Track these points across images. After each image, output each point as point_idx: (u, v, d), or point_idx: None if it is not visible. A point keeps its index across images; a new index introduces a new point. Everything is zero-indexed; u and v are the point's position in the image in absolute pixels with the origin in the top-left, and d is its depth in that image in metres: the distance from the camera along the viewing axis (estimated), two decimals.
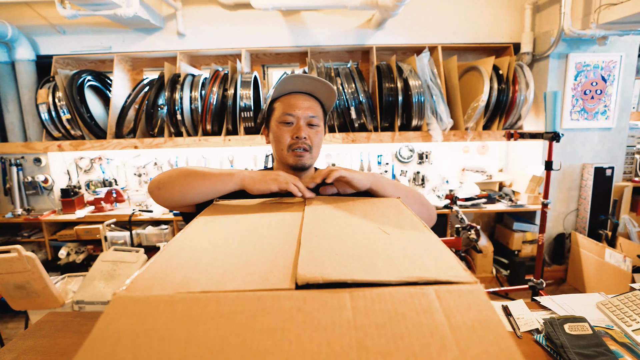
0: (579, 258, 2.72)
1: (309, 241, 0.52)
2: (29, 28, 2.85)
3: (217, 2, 2.83)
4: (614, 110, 2.83)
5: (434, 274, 0.41)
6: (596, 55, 2.74)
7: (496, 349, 0.30)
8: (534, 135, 2.28)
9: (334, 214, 0.68)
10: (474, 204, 2.90)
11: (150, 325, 0.32)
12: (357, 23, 2.89)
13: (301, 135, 0.95)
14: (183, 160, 3.14)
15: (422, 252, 0.48)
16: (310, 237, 0.54)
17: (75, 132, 2.81)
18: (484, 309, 0.35)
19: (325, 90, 0.99)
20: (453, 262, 0.44)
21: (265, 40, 2.91)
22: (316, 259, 0.45)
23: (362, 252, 0.48)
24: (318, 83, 0.97)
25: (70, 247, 2.87)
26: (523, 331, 0.95)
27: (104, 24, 2.85)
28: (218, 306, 0.35)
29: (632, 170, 3.05)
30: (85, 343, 0.30)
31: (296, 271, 0.41)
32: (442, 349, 0.30)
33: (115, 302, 0.35)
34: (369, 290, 0.38)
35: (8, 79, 2.87)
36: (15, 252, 1.71)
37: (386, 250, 0.49)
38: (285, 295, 0.37)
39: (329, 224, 0.61)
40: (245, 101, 2.60)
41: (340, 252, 0.48)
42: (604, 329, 0.93)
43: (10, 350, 0.92)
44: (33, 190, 2.95)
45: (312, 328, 0.32)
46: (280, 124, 0.97)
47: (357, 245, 0.50)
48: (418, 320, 0.34)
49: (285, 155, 0.98)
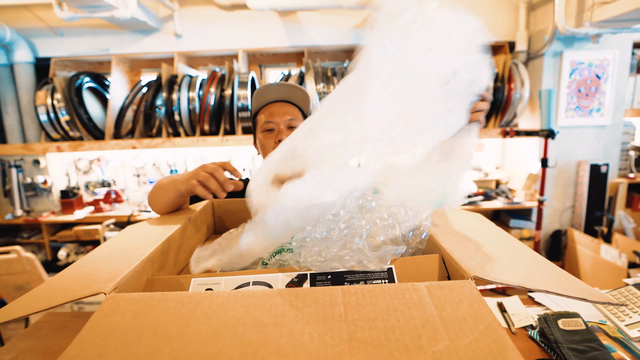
0: (575, 254, 2.73)
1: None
2: (27, 30, 2.85)
3: (214, 3, 2.83)
4: (609, 108, 2.84)
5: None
6: (590, 53, 2.75)
7: (487, 338, 0.31)
8: (529, 132, 2.29)
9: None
10: (471, 202, 2.91)
11: (143, 321, 0.33)
12: (354, 23, 2.90)
13: (283, 139, 1.02)
14: (181, 160, 3.14)
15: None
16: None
17: (74, 134, 2.81)
18: (475, 302, 0.36)
19: (300, 94, 1.08)
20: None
21: (262, 41, 2.92)
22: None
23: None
24: (291, 88, 1.06)
25: (70, 248, 2.87)
26: (517, 327, 0.96)
27: (102, 26, 2.85)
28: (211, 302, 0.36)
29: (627, 167, 3.06)
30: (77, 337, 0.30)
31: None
32: (432, 339, 0.31)
33: (110, 299, 0.36)
34: (361, 287, 0.39)
35: (7, 81, 2.87)
36: (15, 253, 1.71)
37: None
38: (277, 292, 0.38)
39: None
40: (243, 101, 2.61)
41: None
42: (597, 324, 0.94)
43: (9, 350, 0.92)
44: (32, 191, 2.95)
45: (304, 322, 0.33)
46: (264, 133, 1.07)
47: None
48: (409, 313, 0.35)
49: None
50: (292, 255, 0.52)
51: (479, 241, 0.55)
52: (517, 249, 0.56)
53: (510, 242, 0.60)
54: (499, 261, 0.46)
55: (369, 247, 0.52)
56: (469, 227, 0.65)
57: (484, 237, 0.59)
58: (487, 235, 0.61)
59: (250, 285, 0.48)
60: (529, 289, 0.40)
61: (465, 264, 0.43)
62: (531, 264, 0.49)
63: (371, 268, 0.49)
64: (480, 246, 0.52)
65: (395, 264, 0.50)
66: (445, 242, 0.51)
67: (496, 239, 0.59)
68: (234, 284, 0.48)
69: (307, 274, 0.49)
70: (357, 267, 0.49)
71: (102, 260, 0.51)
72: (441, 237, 0.54)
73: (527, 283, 0.40)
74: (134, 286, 0.45)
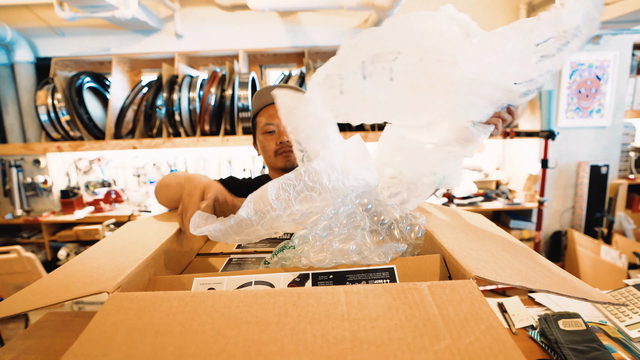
0: (575, 255, 2.73)
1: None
2: (28, 30, 2.85)
3: (215, 4, 2.84)
4: (609, 109, 2.84)
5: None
6: (590, 54, 2.76)
7: (488, 338, 0.31)
8: (529, 133, 2.29)
9: None
10: (471, 202, 2.91)
11: (146, 320, 0.33)
12: (354, 23, 2.90)
13: (284, 140, 1.04)
14: (182, 160, 3.14)
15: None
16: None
17: (74, 134, 2.81)
18: (476, 301, 0.36)
19: None
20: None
21: (263, 41, 2.92)
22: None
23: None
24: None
25: (70, 248, 2.87)
26: (518, 327, 0.96)
27: (103, 26, 2.85)
28: (214, 302, 0.36)
29: (627, 168, 3.06)
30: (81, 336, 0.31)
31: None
32: (435, 339, 0.31)
33: (113, 298, 0.36)
34: (363, 286, 0.39)
35: (7, 81, 2.87)
36: (15, 253, 1.71)
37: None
38: (280, 291, 0.38)
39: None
40: (243, 101, 2.62)
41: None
42: (597, 325, 0.94)
43: (10, 350, 0.92)
44: (32, 191, 2.95)
45: (307, 321, 0.33)
46: (264, 134, 1.09)
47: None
48: (411, 312, 0.35)
49: (273, 160, 1.08)
50: (295, 251, 0.52)
51: (480, 241, 0.55)
52: (517, 249, 0.56)
53: (510, 242, 0.60)
54: (500, 261, 0.47)
55: (371, 240, 0.53)
56: (470, 228, 0.65)
57: (484, 238, 0.59)
58: (488, 236, 0.61)
59: (252, 284, 0.48)
60: (529, 289, 0.40)
61: (467, 264, 0.43)
62: (532, 264, 0.49)
63: (375, 260, 0.49)
64: (481, 246, 0.52)
65: (396, 263, 0.50)
66: (447, 242, 0.51)
67: (497, 239, 0.59)
68: (236, 283, 0.48)
69: (309, 274, 0.49)
70: (360, 261, 0.49)
71: (103, 257, 0.52)
72: (442, 237, 0.54)
73: (528, 283, 0.40)
74: (136, 285, 0.45)
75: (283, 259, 0.53)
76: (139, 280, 0.47)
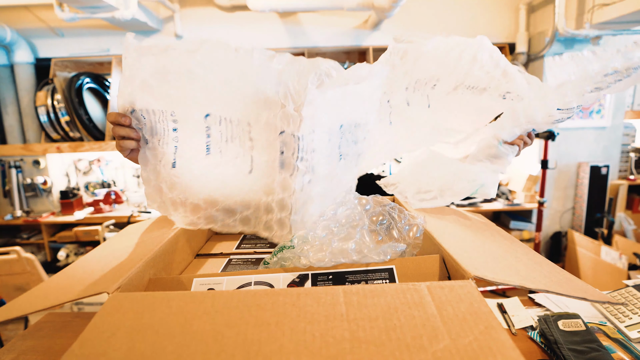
0: (575, 256, 2.73)
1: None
2: (27, 31, 2.85)
3: (214, 4, 2.84)
4: (609, 109, 2.84)
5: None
6: None
7: (487, 338, 0.31)
8: None
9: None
10: (471, 203, 2.91)
11: (146, 320, 0.33)
12: (354, 24, 2.90)
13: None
14: None
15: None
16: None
17: (74, 134, 2.81)
18: (475, 302, 0.36)
19: None
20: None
21: (262, 42, 2.92)
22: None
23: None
24: None
25: (70, 249, 2.87)
26: (518, 328, 0.96)
27: (102, 27, 2.85)
28: (213, 302, 0.36)
29: (627, 169, 3.06)
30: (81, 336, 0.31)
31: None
32: (433, 339, 0.31)
33: (113, 298, 0.36)
34: (362, 286, 0.39)
35: (7, 81, 2.87)
36: (15, 253, 1.71)
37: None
38: (279, 291, 0.38)
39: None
40: None
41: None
42: (597, 325, 0.94)
43: (10, 351, 0.92)
44: (32, 192, 2.95)
45: (306, 321, 0.33)
46: None
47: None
48: (410, 313, 0.35)
49: None
50: (294, 251, 0.52)
51: (480, 242, 0.56)
52: (517, 249, 0.56)
53: (510, 242, 0.60)
54: (500, 261, 0.47)
55: (370, 239, 0.53)
56: (469, 228, 0.65)
57: (484, 238, 0.59)
58: (487, 236, 0.61)
59: (252, 285, 0.48)
60: (529, 289, 0.40)
61: (466, 264, 0.43)
62: (531, 264, 0.49)
63: (374, 259, 0.49)
64: (480, 246, 0.53)
65: (396, 264, 0.50)
66: (446, 242, 0.51)
67: (497, 240, 0.60)
68: (235, 283, 0.48)
69: (308, 274, 0.49)
70: (360, 260, 0.49)
71: (103, 260, 0.52)
72: (441, 238, 0.54)
73: (528, 283, 0.40)
74: (136, 286, 0.45)
75: (282, 259, 0.53)
76: (139, 281, 0.47)
